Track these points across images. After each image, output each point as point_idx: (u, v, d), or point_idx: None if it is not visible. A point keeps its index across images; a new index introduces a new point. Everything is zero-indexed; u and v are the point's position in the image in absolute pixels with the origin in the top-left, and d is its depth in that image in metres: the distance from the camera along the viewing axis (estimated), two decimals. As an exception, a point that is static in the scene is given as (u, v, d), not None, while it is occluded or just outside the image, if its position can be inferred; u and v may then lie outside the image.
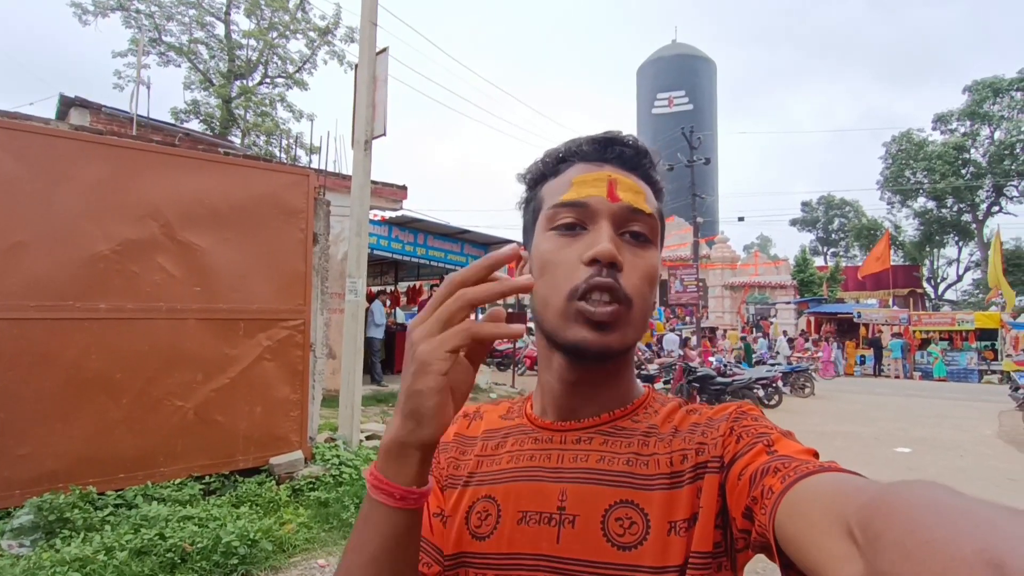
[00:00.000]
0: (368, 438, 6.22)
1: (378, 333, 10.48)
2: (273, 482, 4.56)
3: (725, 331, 23.08)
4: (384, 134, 6.03)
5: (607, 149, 0.67)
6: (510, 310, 0.53)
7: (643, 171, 0.68)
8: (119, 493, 3.96)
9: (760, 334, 22.60)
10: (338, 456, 5.12)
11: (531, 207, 0.71)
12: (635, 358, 0.74)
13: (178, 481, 4.21)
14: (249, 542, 3.59)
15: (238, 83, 21.61)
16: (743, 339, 20.42)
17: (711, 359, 15.58)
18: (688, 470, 0.59)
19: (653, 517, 0.58)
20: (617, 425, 0.66)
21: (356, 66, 6.33)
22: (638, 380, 0.73)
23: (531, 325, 0.77)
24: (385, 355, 11.49)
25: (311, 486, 4.66)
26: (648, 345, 18.42)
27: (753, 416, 0.62)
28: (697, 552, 0.56)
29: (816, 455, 0.53)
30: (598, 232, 0.63)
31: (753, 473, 0.52)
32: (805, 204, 48.54)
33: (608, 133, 0.69)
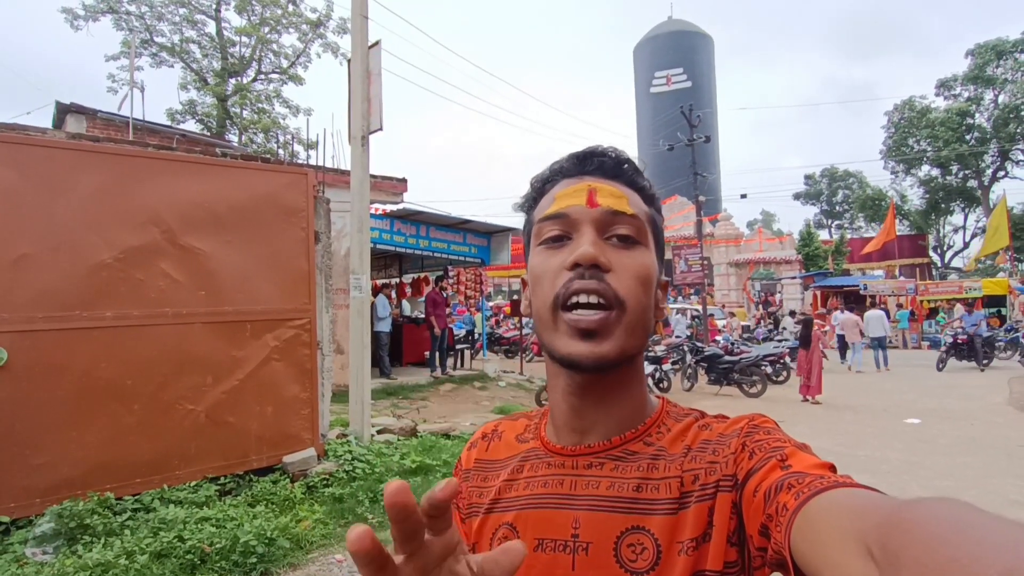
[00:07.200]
0: (379, 432, 6.27)
1: (384, 326, 10.52)
2: (287, 480, 4.61)
3: (732, 311, 23.04)
4: (381, 129, 6.01)
5: (586, 162, 0.69)
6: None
7: (626, 178, 0.69)
8: (136, 497, 4.02)
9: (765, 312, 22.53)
10: (350, 452, 5.17)
11: (526, 231, 0.73)
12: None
13: (193, 483, 4.27)
14: (267, 541, 3.65)
15: (233, 81, 21.51)
16: None
17: (718, 337, 15.58)
18: (698, 490, 0.59)
19: (663, 541, 0.58)
20: (628, 449, 0.66)
21: (349, 61, 6.28)
22: (652, 395, 0.72)
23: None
24: (393, 348, 11.54)
25: (325, 482, 4.71)
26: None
27: (766, 429, 0.60)
28: (709, 571, 0.56)
29: (833, 469, 0.51)
30: (580, 238, 0.64)
31: (767, 490, 0.51)
32: (808, 177, 48.11)
33: (588, 148, 0.70)
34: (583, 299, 0.61)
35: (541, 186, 0.72)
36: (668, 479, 0.61)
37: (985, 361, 13.98)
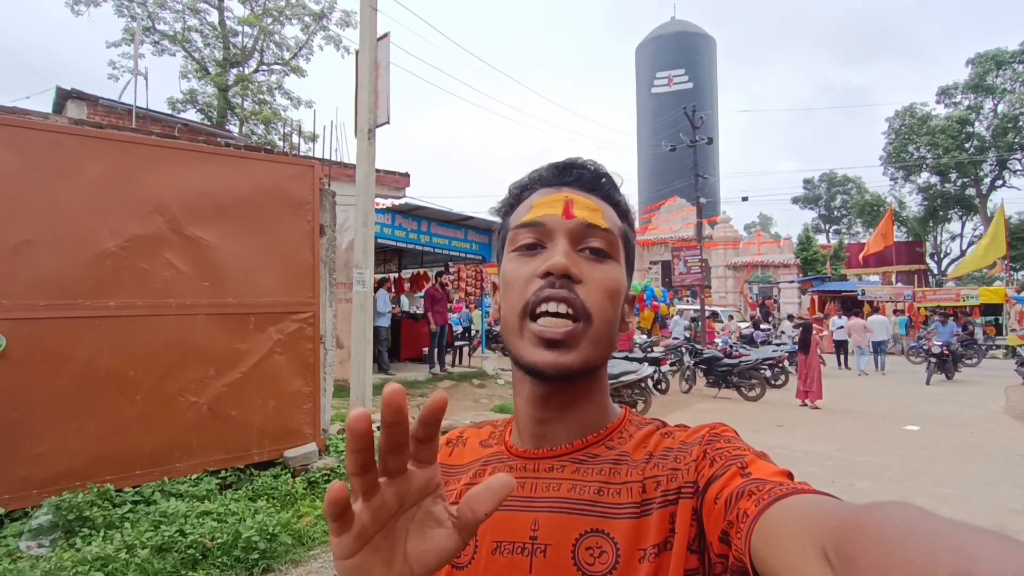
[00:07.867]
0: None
1: (383, 322, 10.45)
2: (288, 475, 4.57)
3: (731, 314, 23.07)
4: (388, 122, 5.96)
5: (566, 172, 0.70)
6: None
7: (603, 191, 0.70)
8: (136, 490, 3.97)
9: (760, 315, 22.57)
10: (351, 447, 5.12)
11: (500, 236, 0.74)
12: (635, 344, 0.72)
13: (194, 476, 4.22)
14: (268, 536, 3.60)
15: (234, 71, 21.38)
16: None
17: (717, 340, 15.59)
18: (659, 496, 0.59)
19: (623, 545, 0.58)
20: (590, 452, 0.66)
21: (357, 53, 6.22)
22: (614, 404, 0.72)
23: None
24: (391, 343, 11.48)
25: (326, 478, 4.67)
26: (647, 331, 18.35)
27: (727, 438, 0.61)
28: None
29: (791, 476, 0.53)
30: (554, 248, 0.64)
31: (728, 497, 0.52)
32: (807, 182, 48.26)
33: (568, 159, 0.72)
34: (552, 308, 0.62)
35: (519, 193, 0.72)
36: (630, 483, 0.62)
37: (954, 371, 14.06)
